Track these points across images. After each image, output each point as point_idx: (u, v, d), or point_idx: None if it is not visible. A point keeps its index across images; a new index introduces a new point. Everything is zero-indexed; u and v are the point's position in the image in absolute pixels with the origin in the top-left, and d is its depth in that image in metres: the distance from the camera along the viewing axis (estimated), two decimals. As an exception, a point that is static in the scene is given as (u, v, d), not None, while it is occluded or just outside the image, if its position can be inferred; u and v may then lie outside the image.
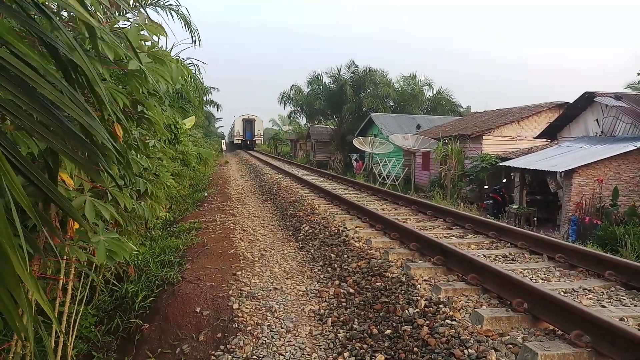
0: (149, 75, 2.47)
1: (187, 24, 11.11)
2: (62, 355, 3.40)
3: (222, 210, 10.87)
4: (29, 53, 1.27)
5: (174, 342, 4.48)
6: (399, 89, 39.21)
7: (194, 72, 11.42)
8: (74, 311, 3.76)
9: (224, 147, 45.38)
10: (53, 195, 1.31)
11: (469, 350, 3.46)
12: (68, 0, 1.38)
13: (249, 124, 55.45)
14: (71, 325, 3.69)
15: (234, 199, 13.04)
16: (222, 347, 4.27)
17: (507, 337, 3.63)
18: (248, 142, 54.72)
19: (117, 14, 3.43)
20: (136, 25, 2.44)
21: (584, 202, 13.18)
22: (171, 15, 10.79)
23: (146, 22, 2.89)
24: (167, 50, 9.44)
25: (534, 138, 19.70)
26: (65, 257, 3.01)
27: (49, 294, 3.05)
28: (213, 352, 4.23)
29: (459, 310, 4.16)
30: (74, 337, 3.77)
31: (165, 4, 10.76)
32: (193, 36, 11.37)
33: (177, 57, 10.08)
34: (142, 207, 4.79)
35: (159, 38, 3.11)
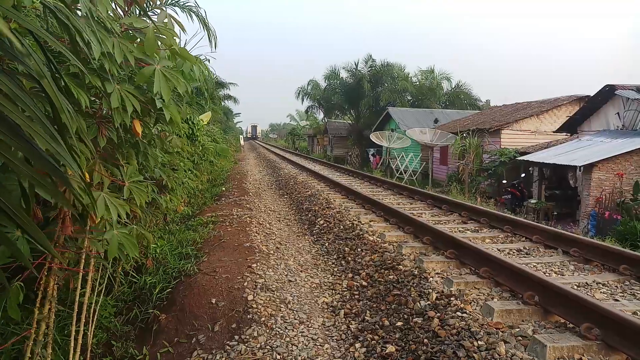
0: (166, 76, 2.53)
1: (205, 25, 11.16)
2: (83, 343, 3.51)
3: (239, 204, 11.00)
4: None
5: (190, 332, 4.59)
6: (417, 82, 39.02)
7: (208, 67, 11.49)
8: (94, 302, 3.88)
9: (242, 142, 45.83)
10: (24, 224, 1.31)
11: (479, 342, 3.49)
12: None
13: (254, 127, 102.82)
14: (91, 315, 3.81)
15: (250, 194, 13.17)
16: (236, 337, 4.37)
17: (517, 329, 3.66)
18: (253, 137, 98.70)
19: (138, 12, 3.47)
20: (153, 28, 2.49)
21: (604, 197, 13.00)
22: (190, 16, 10.88)
23: (165, 19, 2.93)
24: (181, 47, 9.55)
25: (554, 132, 19.42)
26: (84, 249, 3.13)
27: (61, 283, 3.15)
28: (228, 342, 4.33)
29: (470, 303, 4.19)
30: (94, 327, 3.89)
31: (185, 5, 10.86)
32: (210, 38, 11.40)
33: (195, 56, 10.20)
34: (162, 200, 4.92)
35: (181, 29, 3.13)
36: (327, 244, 7.40)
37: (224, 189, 14.09)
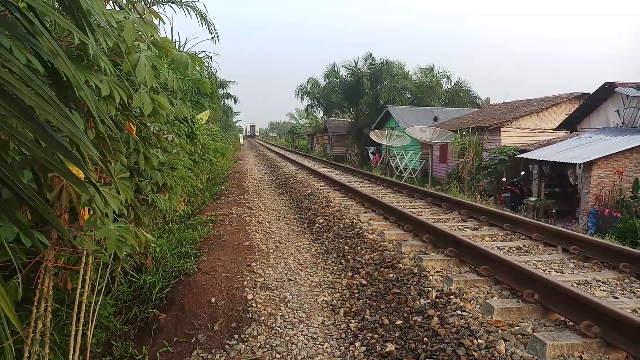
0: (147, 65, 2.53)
1: (203, 19, 11.23)
2: (82, 343, 3.50)
3: (239, 203, 10.99)
4: (9, 58, 1.25)
5: (189, 332, 4.59)
6: (417, 81, 38.88)
7: (207, 64, 11.55)
8: (93, 301, 3.87)
9: (241, 140, 45.92)
10: (38, 206, 1.29)
11: (479, 340, 3.49)
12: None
13: (253, 127, 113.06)
14: (90, 315, 3.80)
15: (250, 192, 13.16)
16: (236, 336, 4.37)
17: (517, 327, 3.66)
18: (252, 135, 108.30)
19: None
20: (131, 19, 2.50)
21: (604, 194, 12.99)
22: (188, 12, 10.93)
23: (144, 11, 2.92)
24: (178, 44, 9.56)
25: (553, 130, 19.42)
26: (82, 248, 3.11)
27: (61, 283, 3.14)
28: (227, 341, 4.33)
29: (470, 301, 4.19)
30: (93, 326, 3.88)
31: (182, 1, 10.89)
32: (211, 31, 11.48)
33: (192, 52, 10.21)
34: (160, 200, 4.91)
35: (160, 21, 3.15)
36: (326, 242, 7.39)
37: (223, 187, 14.09)
